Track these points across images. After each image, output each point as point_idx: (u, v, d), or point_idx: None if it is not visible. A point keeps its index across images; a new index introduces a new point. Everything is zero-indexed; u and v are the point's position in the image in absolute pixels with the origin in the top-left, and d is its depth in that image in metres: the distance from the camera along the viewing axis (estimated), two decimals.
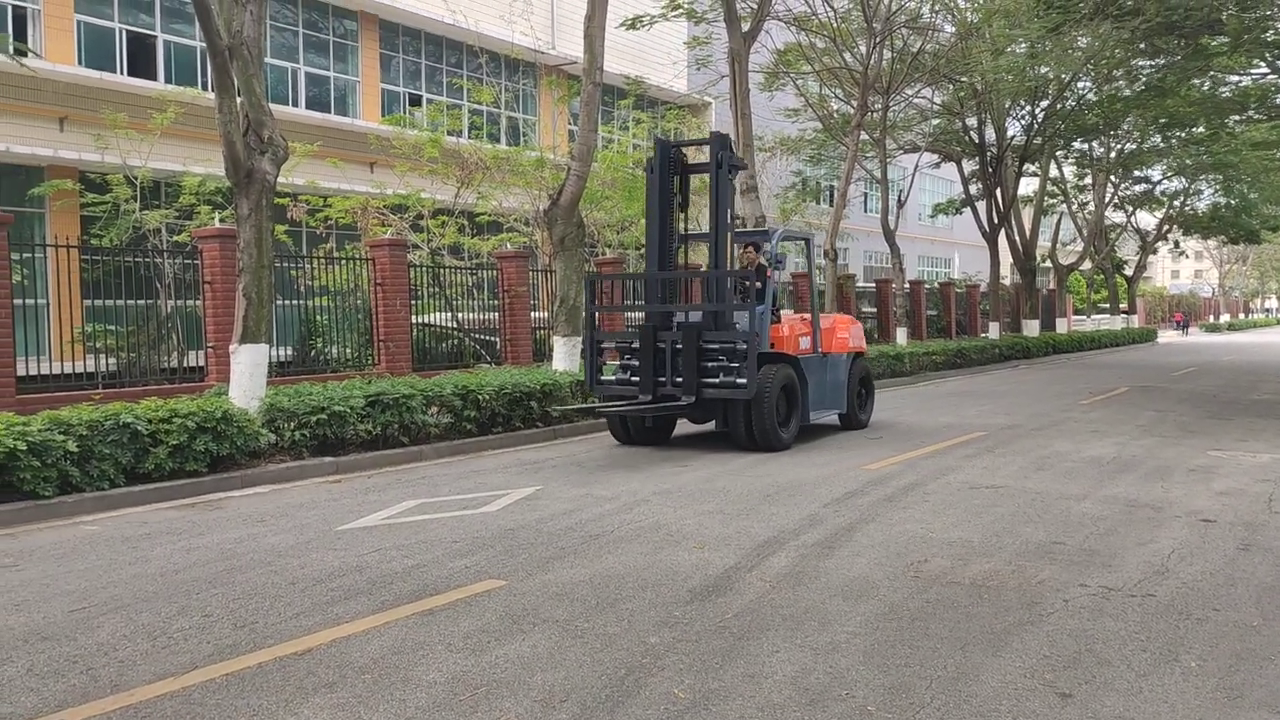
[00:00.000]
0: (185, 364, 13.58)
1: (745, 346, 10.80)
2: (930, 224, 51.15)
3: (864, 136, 26.28)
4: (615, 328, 16.24)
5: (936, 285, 34.75)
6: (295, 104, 23.58)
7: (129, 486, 8.47)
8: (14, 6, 19.02)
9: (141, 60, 21.07)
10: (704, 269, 14.09)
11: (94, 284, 13.29)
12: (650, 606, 5.20)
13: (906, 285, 29.30)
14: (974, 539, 6.73)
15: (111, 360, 12.93)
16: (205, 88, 19.87)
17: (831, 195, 35.31)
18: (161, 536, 7.10)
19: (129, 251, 14.11)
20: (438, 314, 16.89)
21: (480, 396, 11.85)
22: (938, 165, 38.88)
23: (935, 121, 32.81)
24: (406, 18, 25.71)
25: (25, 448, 7.75)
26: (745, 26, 19.57)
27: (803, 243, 14.41)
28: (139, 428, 8.60)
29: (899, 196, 30.51)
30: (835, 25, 24.25)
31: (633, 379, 11.44)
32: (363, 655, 4.51)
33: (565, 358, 14.37)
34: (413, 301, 15.84)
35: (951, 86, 29.54)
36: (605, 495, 8.47)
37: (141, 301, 13.48)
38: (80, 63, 19.78)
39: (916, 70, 26.27)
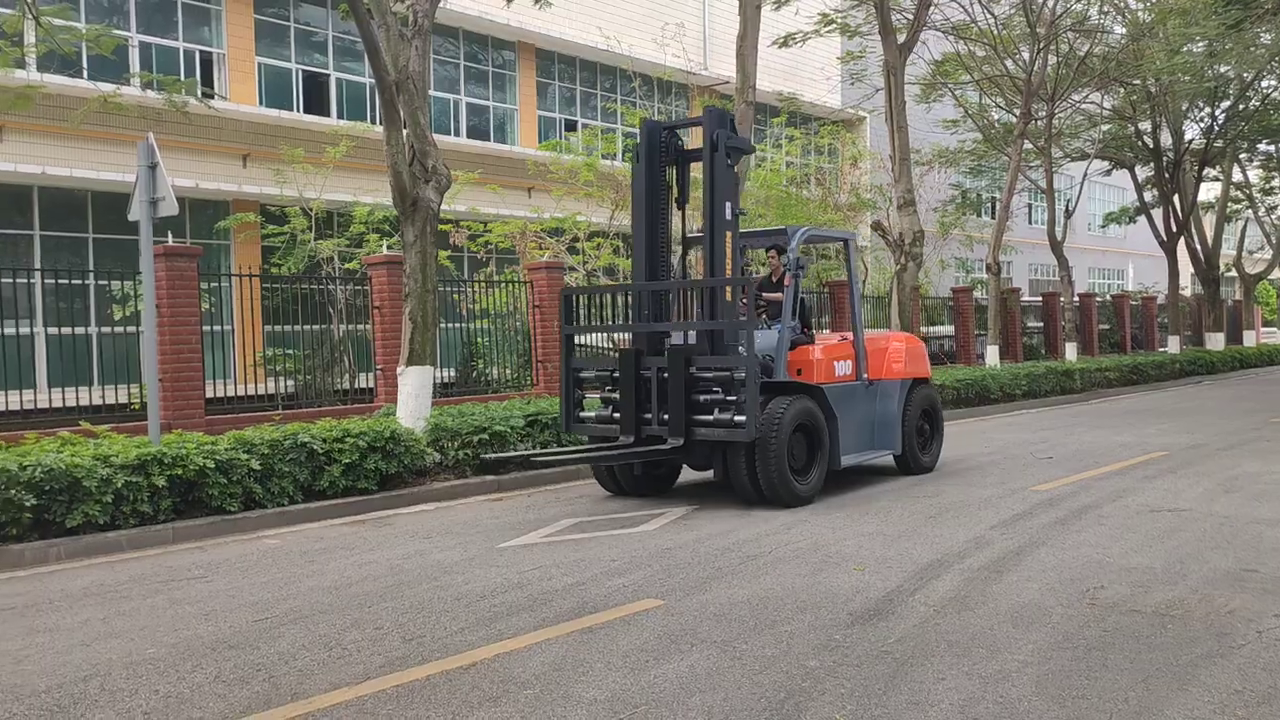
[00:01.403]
0: (356, 386, 14.22)
1: (744, 375, 8.45)
2: (1101, 234, 48.90)
3: (1028, 145, 25.39)
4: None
5: (1109, 298, 33.16)
6: (457, 133, 24.42)
7: (306, 503, 8.89)
8: (201, 52, 20.39)
9: (316, 98, 22.24)
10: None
11: (273, 310, 14.08)
12: (809, 629, 5.12)
13: (1076, 298, 28.09)
14: (1155, 565, 6.35)
15: (289, 382, 13.66)
16: (374, 121, 20.81)
17: (993, 207, 34.20)
18: (336, 551, 7.41)
19: (305, 279, 14.88)
20: (594, 335, 17.12)
21: None
22: (1108, 172, 37.15)
23: (1105, 127, 31.38)
24: (562, 46, 26.31)
25: (214, 466, 8.24)
26: (900, 38, 19.22)
27: (841, 244, 11.59)
28: (315, 447, 9.02)
29: (1067, 206, 29.29)
30: (996, 32, 23.53)
31: (615, 415, 9.23)
32: (525, 671, 4.59)
33: None
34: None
35: (1122, 90, 28.22)
36: (762, 515, 8.39)
37: (316, 326, 14.20)
38: (261, 103, 21.01)
39: (1084, 74, 25.21)
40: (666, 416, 8.80)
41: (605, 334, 12.72)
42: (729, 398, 8.59)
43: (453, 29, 24.10)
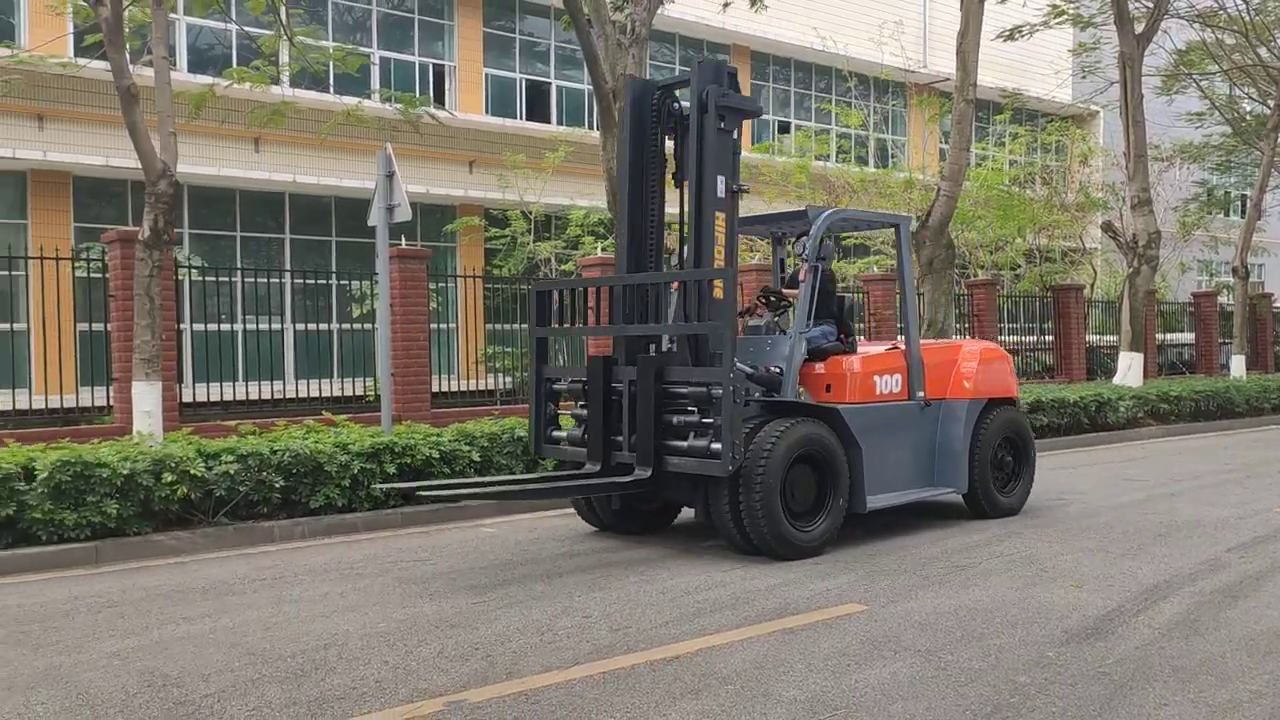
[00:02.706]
0: None
1: (724, 391, 6.68)
2: None
3: None
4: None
5: None
6: None
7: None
8: (434, 65, 21.60)
9: (538, 105, 23.13)
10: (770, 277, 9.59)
11: (494, 310, 14.78)
12: (1020, 644, 4.96)
13: None
14: None
15: (507, 379, 14.29)
16: (591, 127, 21.44)
17: (1243, 206, 31.65)
18: (548, 541, 7.73)
19: (524, 280, 15.52)
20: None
21: None
22: None
23: None
24: (777, 47, 26.26)
25: (439, 456, 8.76)
26: (1139, 28, 18.13)
27: (892, 230, 9.40)
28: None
29: None
30: (1247, 19, 21.80)
31: (586, 437, 7.67)
32: (726, 666, 4.66)
33: None
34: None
35: None
36: (973, 525, 8.14)
37: None
38: (486, 112, 22.04)
39: None
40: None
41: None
42: (706, 420, 6.93)
43: (669, 35, 24.50)
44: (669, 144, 7.88)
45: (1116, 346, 19.09)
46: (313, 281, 16.99)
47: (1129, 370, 17.47)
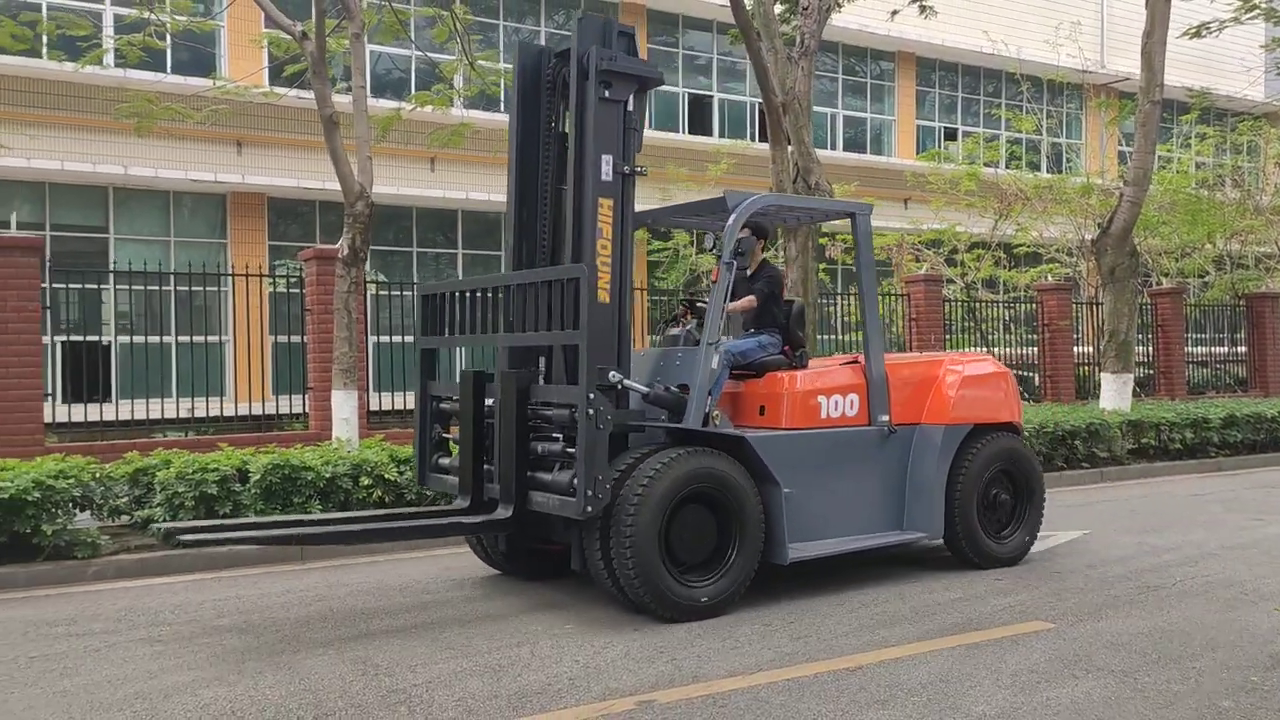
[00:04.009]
0: None
1: (580, 413, 5.56)
2: None
3: None
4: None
5: None
6: (833, 147, 24.64)
7: None
8: None
9: (699, 118, 23.37)
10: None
11: (655, 322, 14.99)
12: (1221, 668, 4.78)
13: None
14: None
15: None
16: (752, 139, 21.55)
17: None
18: None
19: (687, 292, 15.72)
20: (973, 349, 16.69)
21: None
22: None
23: None
24: (944, 52, 25.76)
25: None
26: None
27: (848, 220, 7.41)
28: None
29: None
30: None
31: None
32: (911, 678, 4.67)
33: (1115, 395, 13.51)
34: (946, 336, 15.82)
35: None
36: (1162, 545, 7.83)
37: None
38: (650, 126, 22.40)
39: None
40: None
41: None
42: (571, 449, 5.78)
43: (832, 44, 24.36)
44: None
45: None
46: (480, 295, 17.72)
47: None
